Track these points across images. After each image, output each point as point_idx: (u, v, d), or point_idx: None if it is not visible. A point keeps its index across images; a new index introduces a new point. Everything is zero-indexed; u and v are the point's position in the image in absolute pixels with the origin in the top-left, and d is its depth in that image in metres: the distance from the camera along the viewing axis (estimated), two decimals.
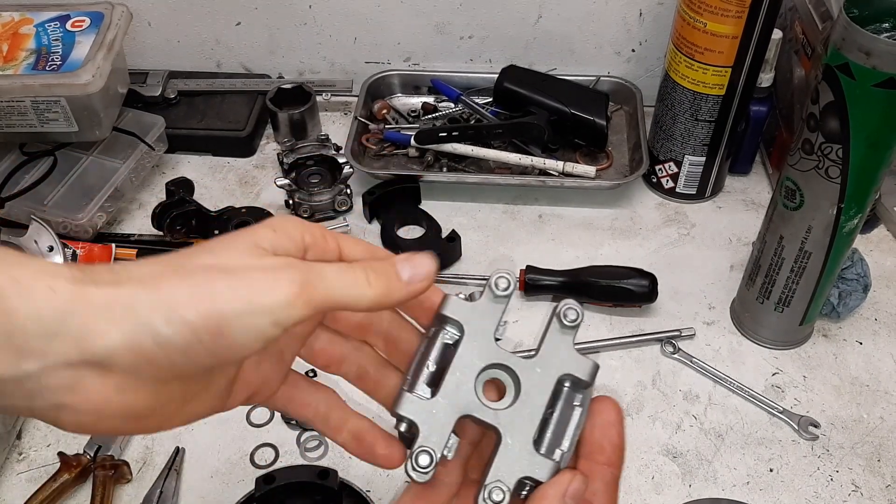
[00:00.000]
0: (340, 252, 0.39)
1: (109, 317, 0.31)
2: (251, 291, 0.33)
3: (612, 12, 1.00)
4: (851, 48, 0.59)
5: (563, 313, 0.39)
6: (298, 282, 0.33)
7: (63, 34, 0.88)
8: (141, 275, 0.33)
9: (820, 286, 0.73)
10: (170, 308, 0.32)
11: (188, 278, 0.33)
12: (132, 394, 0.33)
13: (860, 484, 0.70)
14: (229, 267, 0.33)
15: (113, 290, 0.32)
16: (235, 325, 0.32)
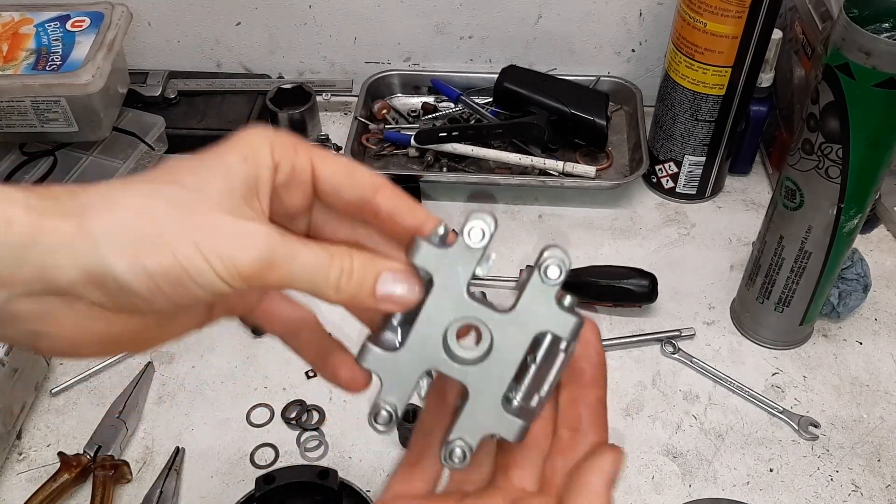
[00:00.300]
0: (314, 171, 0.37)
1: (69, 253, 0.31)
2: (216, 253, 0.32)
3: (612, 12, 1.00)
4: (851, 48, 0.59)
5: (545, 270, 0.36)
6: (261, 259, 0.32)
7: (63, 34, 0.87)
8: (104, 205, 0.32)
9: (820, 286, 0.73)
10: (132, 254, 0.31)
11: (155, 222, 0.32)
12: (103, 322, 0.33)
13: (860, 484, 0.70)
14: (196, 218, 0.32)
15: (73, 224, 0.31)
16: (196, 281, 0.32)
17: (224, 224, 0.32)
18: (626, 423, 0.73)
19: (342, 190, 0.37)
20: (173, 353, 0.78)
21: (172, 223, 0.32)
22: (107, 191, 0.32)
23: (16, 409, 0.71)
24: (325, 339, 0.41)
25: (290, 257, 0.33)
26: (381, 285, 0.35)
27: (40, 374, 0.74)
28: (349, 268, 0.34)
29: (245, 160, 0.34)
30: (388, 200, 0.37)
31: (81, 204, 0.31)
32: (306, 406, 0.74)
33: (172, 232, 0.31)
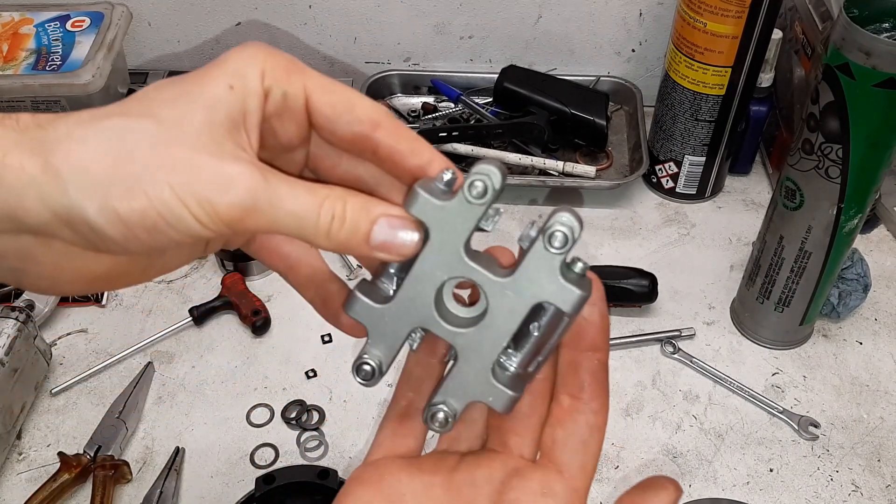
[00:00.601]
0: (308, 99, 0.33)
1: (36, 193, 0.29)
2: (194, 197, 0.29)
3: (612, 12, 1.00)
4: (851, 48, 0.59)
5: (549, 236, 0.32)
6: (243, 203, 0.30)
7: (63, 34, 0.88)
8: (72, 140, 0.29)
9: (820, 286, 0.73)
10: (103, 197, 0.29)
11: (127, 162, 0.29)
12: (82, 260, 0.31)
13: (860, 484, 0.70)
14: (173, 157, 0.29)
15: (39, 162, 0.29)
16: (172, 226, 0.29)
17: (203, 164, 0.30)
18: (626, 423, 0.73)
19: (336, 124, 0.33)
20: (173, 352, 0.78)
21: (146, 163, 0.29)
22: (75, 124, 0.30)
23: (16, 408, 0.71)
24: (328, 279, 0.38)
25: (274, 201, 0.30)
26: (376, 233, 0.32)
27: (40, 374, 0.74)
28: (341, 213, 0.31)
29: (231, 88, 0.31)
30: (387, 138, 0.34)
31: (48, 138, 0.29)
32: (306, 406, 0.74)
33: (147, 173, 0.29)
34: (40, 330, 0.75)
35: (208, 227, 0.30)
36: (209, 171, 0.29)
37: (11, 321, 0.70)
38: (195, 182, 0.29)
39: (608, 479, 0.69)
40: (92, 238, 0.30)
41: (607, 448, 0.71)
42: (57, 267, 0.31)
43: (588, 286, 0.33)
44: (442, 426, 0.34)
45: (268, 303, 0.81)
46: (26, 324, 0.71)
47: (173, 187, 0.29)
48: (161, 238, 0.30)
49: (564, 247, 0.32)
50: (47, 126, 0.29)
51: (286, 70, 0.32)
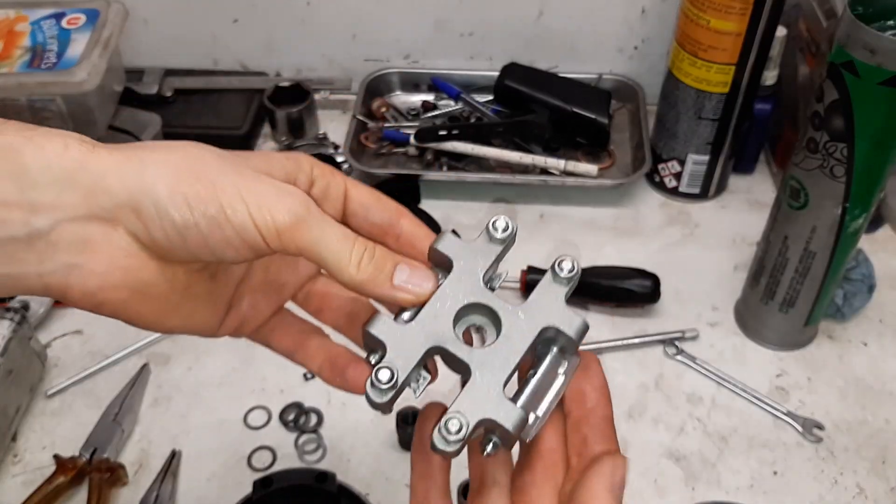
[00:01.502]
0: (346, 192, 0.39)
1: (117, 175, 0.33)
2: (255, 201, 0.33)
3: (615, 9, 0.99)
4: (856, 46, 0.58)
5: (559, 264, 0.38)
6: (298, 215, 0.34)
7: (58, 32, 0.87)
8: (154, 148, 0.34)
9: (825, 287, 0.73)
10: (175, 182, 0.33)
11: (201, 165, 0.34)
12: (136, 260, 0.34)
13: (865, 486, 0.69)
14: (241, 172, 0.34)
15: (124, 155, 0.33)
16: (231, 221, 0.33)
17: (266, 182, 0.34)
18: (629, 425, 0.73)
19: (371, 211, 0.39)
20: (169, 354, 0.78)
21: (218, 169, 0.34)
22: (158, 145, 0.35)
23: (11, 410, 0.70)
24: (333, 346, 0.42)
25: (322, 222, 0.35)
26: (399, 273, 0.36)
27: (35, 375, 0.74)
28: (371, 251, 0.36)
29: (287, 159, 0.37)
30: (410, 225, 0.40)
31: (132, 146, 0.34)
32: (304, 408, 0.73)
33: (217, 174, 0.33)
34: (35, 331, 0.74)
35: (261, 230, 0.33)
36: (270, 187, 0.34)
37: (6, 322, 0.70)
38: (258, 189, 0.34)
39: None
40: (154, 225, 0.33)
41: None
42: (111, 264, 0.34)
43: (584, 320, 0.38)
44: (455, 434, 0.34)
45: None
46: (21, 325, 0.71)
47: (238, 188, 0.33)
48: (217, 234, 0.33)
49: (571, 274, 0.38)
50: (132, 145, 0.35)
51: (331, 169, 0.39)
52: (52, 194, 0.32)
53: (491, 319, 0.38)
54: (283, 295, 0.43)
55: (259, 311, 0.42)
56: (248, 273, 0.41)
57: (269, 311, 0.42)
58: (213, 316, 0.39)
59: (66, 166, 0.32)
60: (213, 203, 0.33)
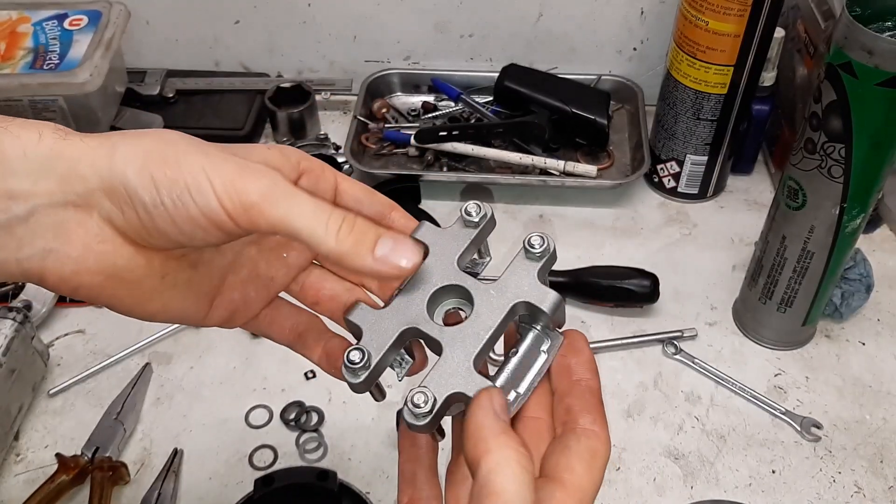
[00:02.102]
0: (336, 187, 0.39)
1: (89, 162, 0.33)
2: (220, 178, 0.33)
3: (614, 11, 1.00)
4: (854, 47, 0.58)
5: (529, 241, 0.39)
6: (263, 191, 0.33)
7: (61, 33, 0.87)
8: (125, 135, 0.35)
9: (822, 286, 0.73)
10: (143, 163, 0.33)
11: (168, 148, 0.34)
12: (110, 245, 0.35)
13: (863, 485, 0.69)
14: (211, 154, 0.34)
15: (97, 141, 0.34)
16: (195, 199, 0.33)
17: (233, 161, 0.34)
18: (628, 424, 0.73)
19: (363, 204, 0.40)
20: (171, 353, 0.78)
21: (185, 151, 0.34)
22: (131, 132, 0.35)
23: (13, 409, 0.70)
24: (332, 338, 0.42)
25: (291, 195, 0.34)
26: (381, 245, 0.34)
27: (38, 374, 0.74)
28: (351, 221, 0.34)
29: (269, 149, 0.37)
30: (401, 218, 0.40)
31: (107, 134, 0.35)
32: (305, 407, 0.73)
33: (184, 156, 0.33)
34: (38, 330, 0.75)
35: (227, 209, 0.33)
36: (237, 164, 0.34)
37: (9, 321, 0.70)
38: (223, 168, 0.33)
39: (610, 480, 0.69)
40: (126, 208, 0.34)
41: None
42: (85, 247, 0.34)
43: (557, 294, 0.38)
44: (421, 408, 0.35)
45: None
46: (24, 324, 0.71)
47: (205, 168, 0.33)
48: (182, 213, 0.33)
49: (540, 248, 0.39)
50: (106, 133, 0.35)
51: (320, 164, 0.39)
52: (29, 182, 0.33)
53: (468, 300, 0.39)
54: (273, 288, 0.42)
55: (250, 303, 0.42)
56: (234, 265, 0.41)
57: (260, 304, 0.42)
58: (196, 305, 0.39)
59: (41, 154, 0.33)
60: (178, 183, 0.33)
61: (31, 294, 0.78)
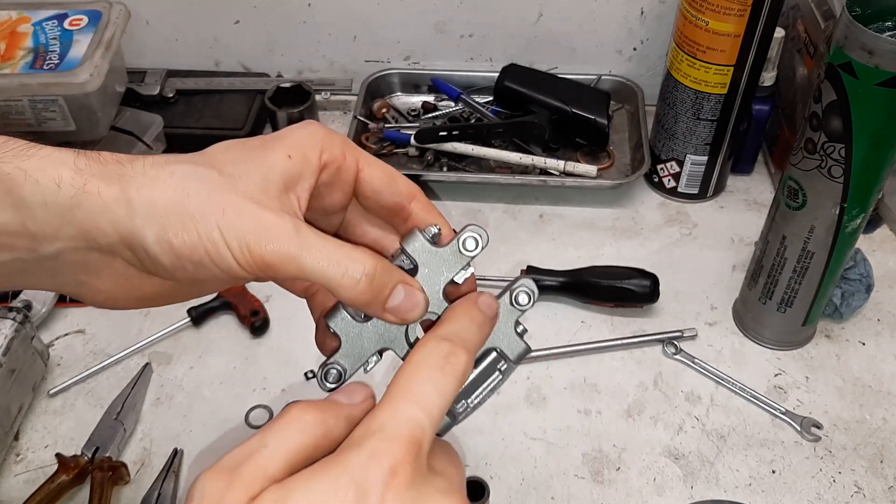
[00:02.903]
0: (358, 174, 0.39)
1: (109, 218, 0.34)
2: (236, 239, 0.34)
3: (614, 11, 1.00)
4: (854, 47, 0.58)
5: (516, 296, 0.40)
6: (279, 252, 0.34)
7: (61, 32, 0.87)
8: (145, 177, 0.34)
9: (822, 286, 0.73)
10: (161, 229, 0.34)
11: (187, 201, 0.34)
12: (137, 280, 0.36)
13: (863, 485, 0.69)
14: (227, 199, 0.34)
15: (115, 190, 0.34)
16: (215, 263, 0.34)
17: (249, 212, 0.34)
18: (628, 424, 0.73)
19: (382, 194, 0.40)
20: (171, 354, 0.78)
21: (202, 205, 0.34)
22: (150, 165, 0.35)
23: (13, 409, 0.70)
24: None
25: (305, 253, 0.34)
26: (394, 297, 0.37)
27: (38, 374, 0.74)
28: (371, 271, 0.35)
29: (289, 157, 0.36)
30: (420, 210, 0.41)
31: (125, 173, 0.34)
32: None
33: (200, 213, 0.34)
34: (38, 330, 0.75)
35: (245, 268, 0.34)
36: (252, 218, 0.34)
37: (9, 321, 0.70)
38: (239, 226, 0.34)
39: (610, 480, 0.69)
40: (147, 262, 0.35)
41: (608, 449, 0.71)
42: (115, 283, 0.37)
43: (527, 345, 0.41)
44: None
45: (266, 303, 0.81)
46: (24, 324, 0.71)
47: (220, 228, 0.34)
48: (204, 272, 0.34)
49: (526, 306, 0.40)
50: (125, 163, 0.35)
51: (342, 149, 0.39)
52: (53, 227, 0.34)
53: None
54: None
55: None
56: None
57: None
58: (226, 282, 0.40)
59: (61, 204, 0.34)
60: (197, 250, 0.34)
61: (30, 294, 0.78)
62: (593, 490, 0.68)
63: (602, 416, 0.74)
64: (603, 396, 0.75)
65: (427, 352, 0.35)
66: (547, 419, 0.73)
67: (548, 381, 0.76)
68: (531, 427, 0.73)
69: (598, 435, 0.72)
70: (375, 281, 0.36)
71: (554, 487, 0.69)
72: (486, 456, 0.70)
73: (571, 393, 0.75)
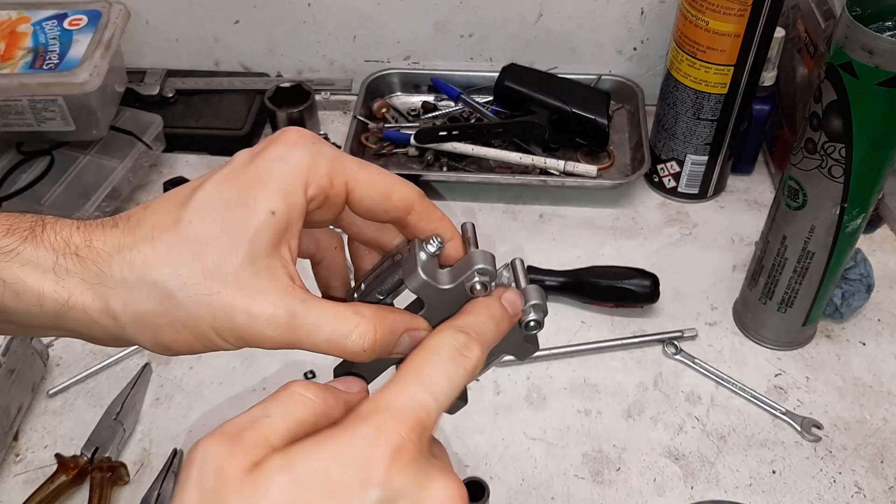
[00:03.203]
0: (349, 195, 0.38)
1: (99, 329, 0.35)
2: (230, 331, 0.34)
3: (614, 10, 1.00)
4: (854, 47, 0.58)
5: (527, 324, 0.40)
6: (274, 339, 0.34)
7: (60, 32, 0.87)
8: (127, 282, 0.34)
9: (823, 286, 0.73)
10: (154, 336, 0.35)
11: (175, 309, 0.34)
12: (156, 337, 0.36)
13: (863, 486, 0.69)
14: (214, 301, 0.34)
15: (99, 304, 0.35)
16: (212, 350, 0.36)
17: (241, 308, 0.34)
18: (628, 424, 0.73)
19: (376, 213, 0.38)
20: None
21: (190, 311, 0.34)
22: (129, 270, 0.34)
23: (13, 410, 0.70)
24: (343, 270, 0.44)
25: (306, 335, 0.35)
26: (399, 346, 0.37)
27: (37, 375, 0.74)
28: (371, 340, 0.36)
29: (273, 214, 0.35)
30: (418, 221, 0.39)
31: (105, 279, 0.34)
32: None
33: (192, 321, 0.34)
34: None
35: (249, 344, 0.35)
36: (244, 314, 0.34)
37: None
38: (232, 324, 0.34)
39: (610, 480, 0.69)
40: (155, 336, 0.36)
41: (609, 450, 0.71)
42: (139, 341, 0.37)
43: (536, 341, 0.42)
44: None
45: None
46: None
47: (214, 329, 0.34)
48: (211, 348, 0.35)
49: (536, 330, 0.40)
50: (103, 264, 0.34)
51: (329, 175, 0.36)
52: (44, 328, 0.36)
53: None
54: None
55: None
56: None
57: None
58: None
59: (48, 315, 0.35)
60: (195, 347, 0.35)
61: None
62: (593, 490, 0.68)
63: (602, 416, 0.73)
64: (603, 396, 0.75)
65: (442, 339, 0.35)
66: (547, 419, 0.73)
67: (548, 381, 0.76)
68: (531, 427, 0.72)
69: (598, 435, 0.72)
70: (378, 345, 0.36)
71: (554, 488, 0.68)
72: (486, 456, 0.70)
73: (571, 393, 0.75)
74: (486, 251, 0.39)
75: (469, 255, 0.38)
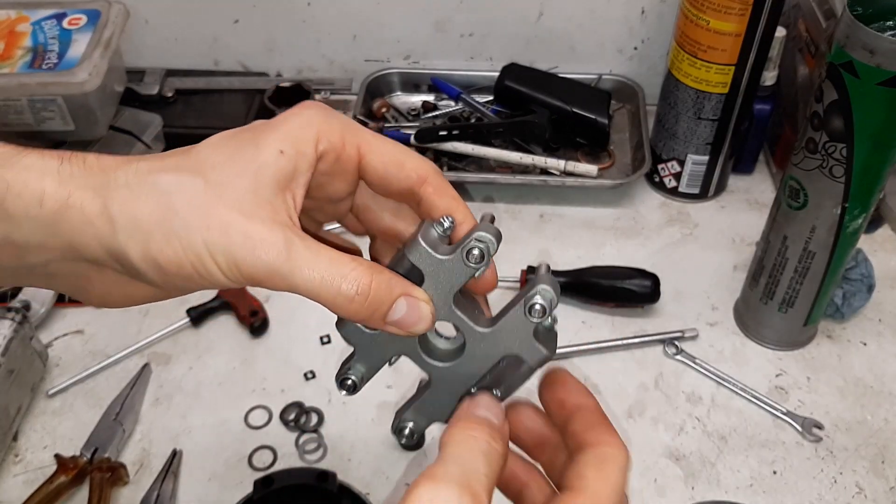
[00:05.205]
0: (361, 160, 0.37)
1: (93, 233, 0.34)
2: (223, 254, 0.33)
3: (614, 10, 1.00)
4: (855, 46, 0.58)
5: (530, 307, 0.37)
6: (268, 267, 0.33)
7: (59, 32, 0.87)
8: (128, 191, 0.34)
9: (824, 286, 0.73)
10: (145, 245, 0.33)
11: (172, 217, 0.33)
12: (131, 287, 0.36)
13: (864, 486, 0.69)
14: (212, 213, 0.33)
15: (98, 204, 0.33)
16: (203, 276, 0.34)
17: (236, 226, 0.33)
18: (629, 425, 0.73)
19: (389, 181, 0.38)
20: (170, 354, 0.78)
21: (187, 220, 0.33)
22: (134, 174, 0.34)
23: (12, 410, 0.70)
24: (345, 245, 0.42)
25: (294, 269, 0.33)
26: (394, 310, 0.35)
27: (36, 375, 0.74)
28: (366, 288, 0.34)
29: (281, 153, 0.34)
30: (431, 194, 0.38)
31: (109, 184, 0.34)
32: (305, 408, 0.73)
33: (185, 229, 0.33)
34: (36, 331, 0.74)
35: (232, 280, 0.34)
36: (239, 233, 0.33)
37: (7, 322, 0.70)
38: (226, 242, 0.33)
39: None
40: (135, 274, 0.34)
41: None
42: (107, 288, 0.37)
43: (554, 340, 0.39)
44: (408, 439, 0.41)
45: (266, 303, 0.80)
46: (22, 324, 0.71)
47: (207, 244, 0.33)
48: (193, 284, 0.34)
49: (542, 318, 0.37)
50: (109, 172, 0.34)
51: (341, 135, 0.36)
52: (38, 239, 0.34)
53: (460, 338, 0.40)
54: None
55: None
56: None
57: None
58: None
59: (45, 218, 0.33)
60: (184, 266, 0.33)
61: (29, 294, 0.78)
62: None
63: None
64: (604, 397, 0.75)
65: None
66: None
67: None
68: None
69: None
70: (371, 297, 0.34)
71: None
72: None
73: None
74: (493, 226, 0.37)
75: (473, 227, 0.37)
